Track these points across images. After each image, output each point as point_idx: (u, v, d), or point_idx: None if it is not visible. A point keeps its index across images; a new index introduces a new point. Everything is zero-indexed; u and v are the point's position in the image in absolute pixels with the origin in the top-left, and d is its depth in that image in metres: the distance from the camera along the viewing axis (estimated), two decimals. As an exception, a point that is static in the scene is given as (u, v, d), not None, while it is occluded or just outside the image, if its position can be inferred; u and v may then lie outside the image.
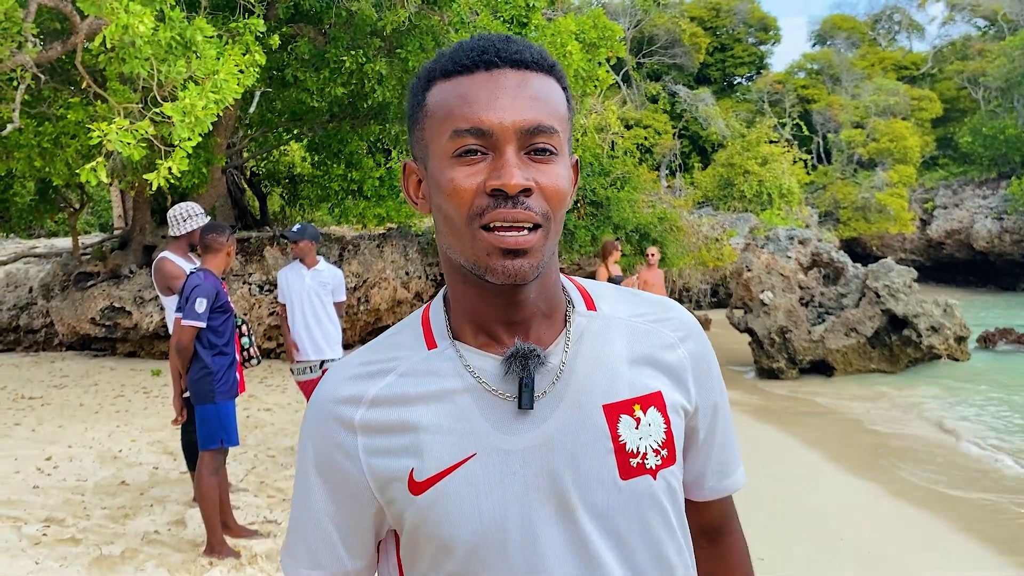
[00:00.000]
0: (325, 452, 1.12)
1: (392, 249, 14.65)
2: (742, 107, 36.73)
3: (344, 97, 11.98)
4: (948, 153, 35.67)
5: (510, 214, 1.00)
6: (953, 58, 38.80)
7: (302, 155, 17.59)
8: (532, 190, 1.01)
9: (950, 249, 32.02)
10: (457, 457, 1.05)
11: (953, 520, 6.99)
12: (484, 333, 1.10)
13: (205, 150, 10.91)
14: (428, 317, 1.17)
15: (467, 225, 1.02)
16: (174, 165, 6.45)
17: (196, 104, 6.38)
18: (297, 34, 11.26)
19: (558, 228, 1.06)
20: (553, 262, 1.10)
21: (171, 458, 7.09)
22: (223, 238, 5.06)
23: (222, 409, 4.95)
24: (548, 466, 1.05)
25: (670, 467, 1.11)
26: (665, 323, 1.17)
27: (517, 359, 1.06)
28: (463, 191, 1.02)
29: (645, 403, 1.10)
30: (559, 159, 1.04)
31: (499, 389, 1.07)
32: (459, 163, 1.02)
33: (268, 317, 13.40)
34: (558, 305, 1.13)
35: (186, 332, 4.86)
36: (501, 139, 1.01)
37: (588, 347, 1.11)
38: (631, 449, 1.07)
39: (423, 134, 1.09)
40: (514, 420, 1.06)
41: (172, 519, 5.46)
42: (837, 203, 31.75)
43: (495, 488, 1.04)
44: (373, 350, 1.17)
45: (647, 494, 1.08)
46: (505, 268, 1.01)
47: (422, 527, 1.07)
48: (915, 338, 14.52)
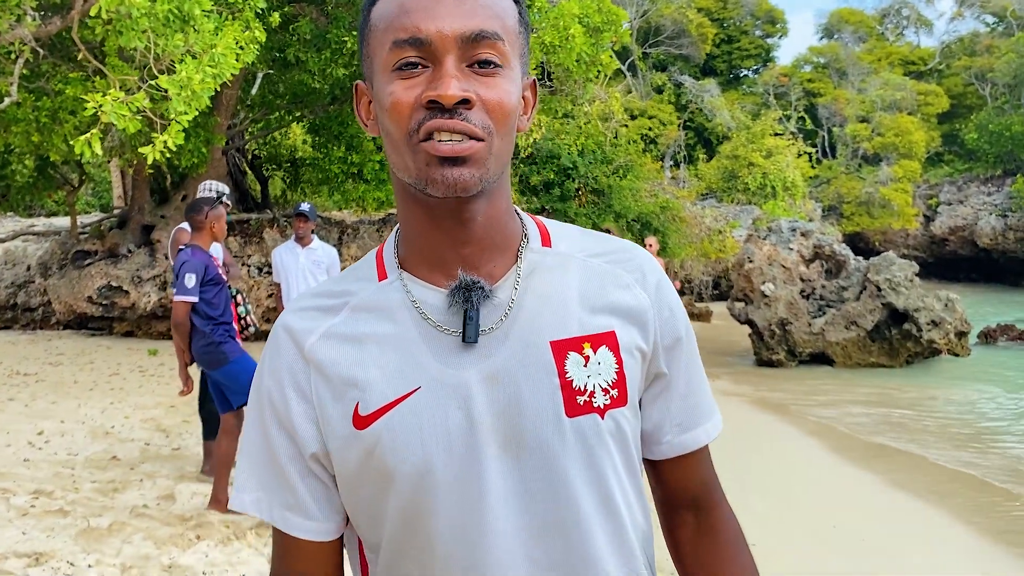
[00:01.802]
0: (278, 384, 1.08)
1: (391, 233, 14.59)
2: (748, 99, 36.58)
3: (345, 79, 11.90)
4: (953, 149, 35.51)
5: (447, 124, 0.95)
6: (961, 54, 38.60)
7: (303, 138, 17.53)
8: (472, 102, 0.96)
9: (953, 246, 31.91)
10: (401, 391, 1.02)
11: (949, 511, 6.96)
12: (432, 264, 1.06)
13: (205, 129, 10.86)
14: (382, 249, 1.14)
15: (406, 141, 0.98)
16: (170, 139, 6.39)
17: (193, 78, 6.32)
18: (298, 14, 11.19)
19: (505, 146, 1.01)
20: (502, 184, 1.06)
21: (163, 435, 7.06)
22: (201, 216, 5.16)
23: (241, 363, 5.07)
24: (492, 401, 1.01)
25: (620, 408, 1.06)
26: (623, 264, 1.13)
27: (460, 291, 1.03)
28: (401, 105, 0.97)
29: (596, 342, 1.06)
30: (505, 71, 0.99)
31: (443, 323, 1.04)
32: (398, 76, 0.98)
33: (267, 299, 13.36)
34: (511, 237, 1.09)
35: (179, 308, 4.99)
36: (440, 49, 0.96)
37: (539, 283, 1.07)
38: (578, 386, 1.03)
39: (368, 50, 1.05)
40: (459, 354, 1.03)
41: (161, 494, 5.43)
42: (841, 197, 31.63)
43: (439, 422, 1.01)
44: (331, 283, 1.14)
45: (593, 432, 1.04)
46: (444, 177, 0.96)
47: (366, 464, 1.03)
48: (915, 332, 14.45)
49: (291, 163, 18.05)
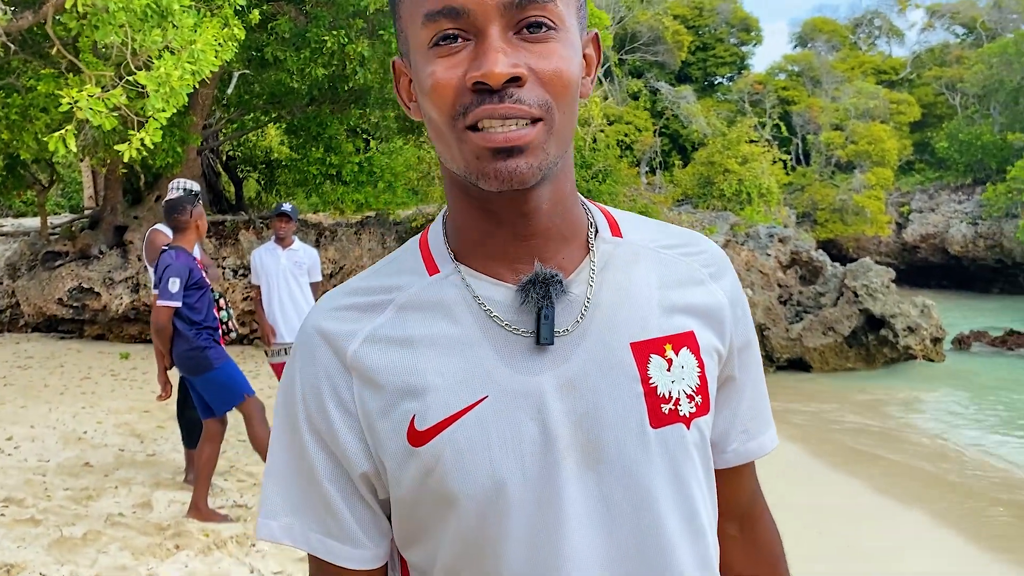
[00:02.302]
0: (316, 396, 0.94)
1: (370, 237, 14.43)
2: (723, 106, 36.74)
3: (324, 79, 11.75)
4: (925, 158, 35.91)
5: (498, 109, 0.82)
6: (931, 64, 39.06)
7: (280, 139, 17.33)
8: (523, 78, 0.83)
9: (925, 253, 32.26)
10: (465, 401, 0.89)
11: (933, 516, 6.95)
12: (492, 256, 0.94)
13: (180, 129, 10.67)
14: (427, 240, 1.00)
15: (451, 127, 0.85)
16: (147, 137, 6.23)
17: (172, 74, 6.17)
18: (277, 12, 11.03)
19: (567, 121, 0.87)
20: (565, 168, 0.93)
21: (138, 440, 6.87)
22: (185, 215, 4.98)
23: (226, 368, 4.94)
24: (569, 411, 0.89)
25: (704, 416, 0.96)
26: (697, 256, 1.02)
27: (536, 286, 0.90)
28: (443, 87, 0.84)
29: (677, 343, 0.94)
30: (561, 35, 0.85)
31: (512, 323, 0.91)
32: (437, 54, 0.85)
33: (242, 302, 13.14)
34: (578, 226, 0.96)
35: (162, 312, 4.82)
36: (480, 18, 0.82)
37: (614, 277, 0.96)
38: (662, 393, 0.92)
39: (402, 24, 0.92)
40: (531, 358, 0.90)
41: (137, 501, 5.26)
42: (815, 204, 31.83)
43: (510, 436, 0.89)
44: (367, 278, 0.99)
45: (679, 445, 0.93)
46: (498, 171, 0.83)
47: (424, 485, 0.90)
48: (892, 338, 14.54)
49: (266, 164, 17.84)
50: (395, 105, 13.66)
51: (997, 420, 11.02)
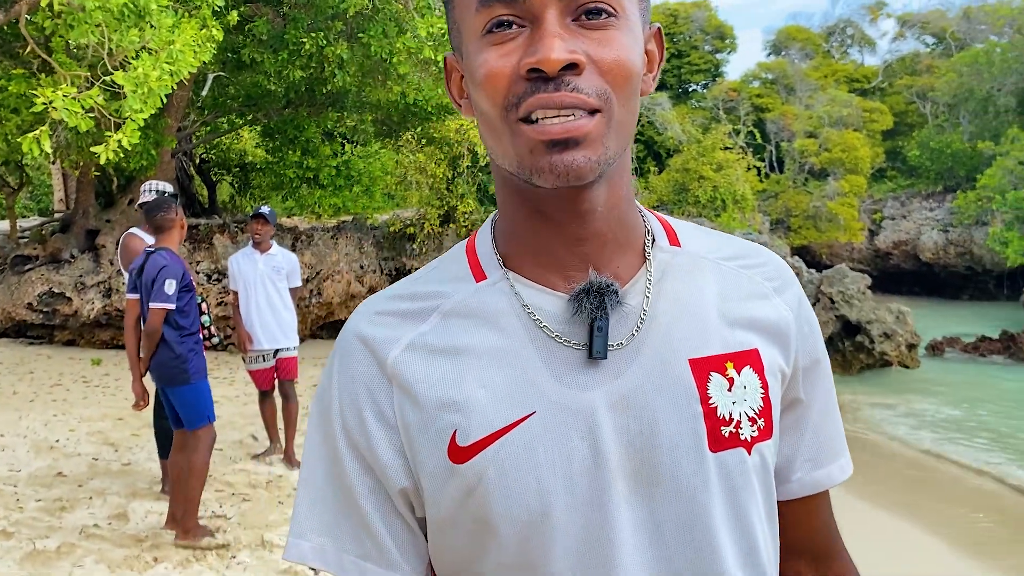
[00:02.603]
0: (354, 406, 0.89)
1: (347, 241, 14.31)
2: (697, 113, 36.95)
3: (302, 82, 11.62)
4: (897, 165, 36.33)
5: (553, 99, 0.77)
6: (903, 73, 39.55)
7: (255, 142, 17.14)
8: (581, 65, 0.78)
9: (897, 259, 32.61)
10: (511, 417, 0.84)
11: (915, 523, 6.97)
12: (544, 263, 0.88)
13: (155, 131, 10.50)
14: (474, 245, 0.95)
15: (503, 119, 0.80)
16: (124, 138, 6.09)
17: (150, 74, 6.04)
18: (255, 14, 10.89)
19: (627, 116, 0.82)
20: (623, 168, 0.87)
21: (112, 449, 6.71)
22: (171, 214, 4.81)
23: (200, 387, 4.78)
24: (621, 431, 0.84)
25: (766, 441, 0.89)
26: (758, 269, 0.95)
27: (590, 296, 0.84)
28: (495, 76, 0.80)
29: (740, 361, 0.88)
30: (622, 22, 0.81)
31: (564, 334, 0.85)
32: (490, 42, 0.80)
33: (216, 307, 12.96)
34: (635, 232, 0.91)
35: (157, 315, 4.64)
36: (536, 2, 0.78)
37: (672, 288, 0.90)
38: (723, 415, 0.86)
39: (454, 14, 0.87)
40: (583, 373, 0.84)
41: (113, 512, 5.12)
42: (789, 211, 32.08)
43: (559, 456, 0.83)
44: (412, 283, 0.94)
45: (739, 471, 0.86)
46: (554, 165, 0.78)
47: (463, 506, 0.84)
48: (868, 344, 14.66)
49: (240, 168, 17.64)
50: (373, 108, 13.54)
51: (974, 426, 11.11)
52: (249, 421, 7.91)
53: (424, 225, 14.02)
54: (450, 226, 14.18)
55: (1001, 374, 15.43)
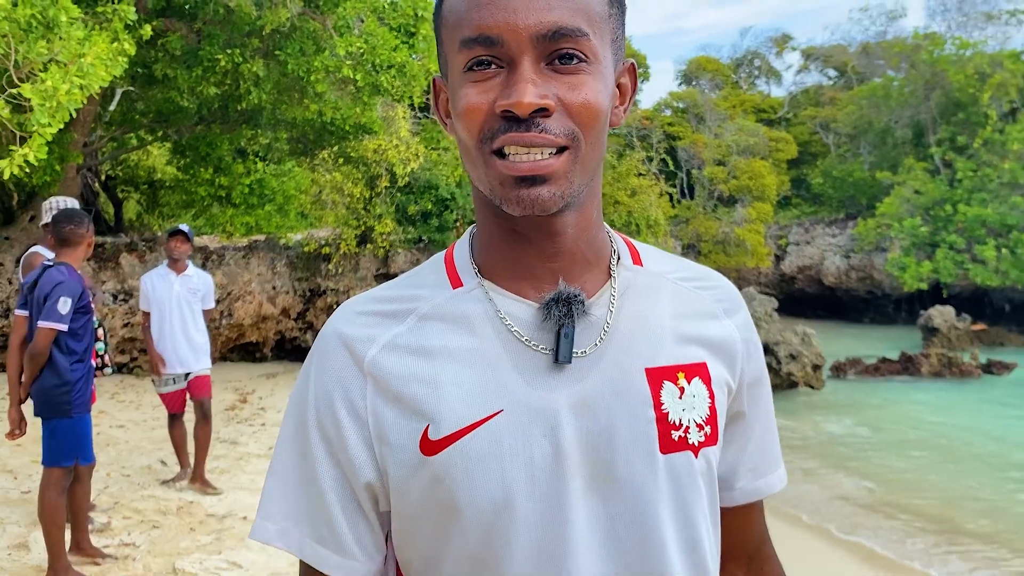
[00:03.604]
0: (327, 399, 0.93)
1: (259, 261, 14.05)
2: (612, 140, 37.66)
3: (216, 98, 11.41)
4: (801, 193, 37.68)
5: (524, 138, 0.85)
6: (807, 104, 41.14)
7: (165, 159, 16.70)
8: (551, 110, 0.85)
9: (801, 284, 33.73)
10: (481, 413, 0.90)
11: (833, 534, 7.20)
12: (518, 275, 0.95)
13: (60, 146, 10.13)
14: (452, 255, 1.01)
15: (478, 149, 0.88)
16: (31, 153, 5.87)
17: (59, 88, 5.85)
18: (168, 28, 10.65)
19: (594, 152, 0.89)
20: (592, 194, 0.94)
21: (10, 477, 6.41)
22: (83, 229, 4.52)
23: (78, 424, 4.45)
24: (581, 430, 0.91)
25: (712, 447, 0.97)
26: (711, 291, 1.04)
27: (559, 304, 0.91)
28: (474, 111, 0.87)
29: (690, 372, 0.96)
30: (593, 67, 0.87)
31: (533, 339, 0.92)
32: (470, 79, 0.88)
33: (122, 328, 12.55)
34: (602, 252, 0.99)
35: (44, 335, 4.28)
36: (514, 48, 0.85)
37: (633, 304, 0.98)
38: (673, 420, 0.94)
39: (443, 47, 0.95)
40: (548, 376, 0.92)
41: (13, 543, 4.89)
42: (699, 236, 32.90)
43: (522, 451, 0.89)
44: (391, 287, 1.00)
45: (686, 472, 0.94)
46: (520, 198, 0.86)
47: (431, 496, 0.90)
48: (775, 365, 15.10)
49: (149, 185, 17.16)
50: (288, 126, 13.37)
51: (882, 441, 11.55)
52: (157, 446, 7.66)
53: (340, 245, 13.86)
54: (367, 247, 14.05)
55: (899, 392, 16.10)
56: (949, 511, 8.16)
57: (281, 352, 14.78)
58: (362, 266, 14.25)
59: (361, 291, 11.81)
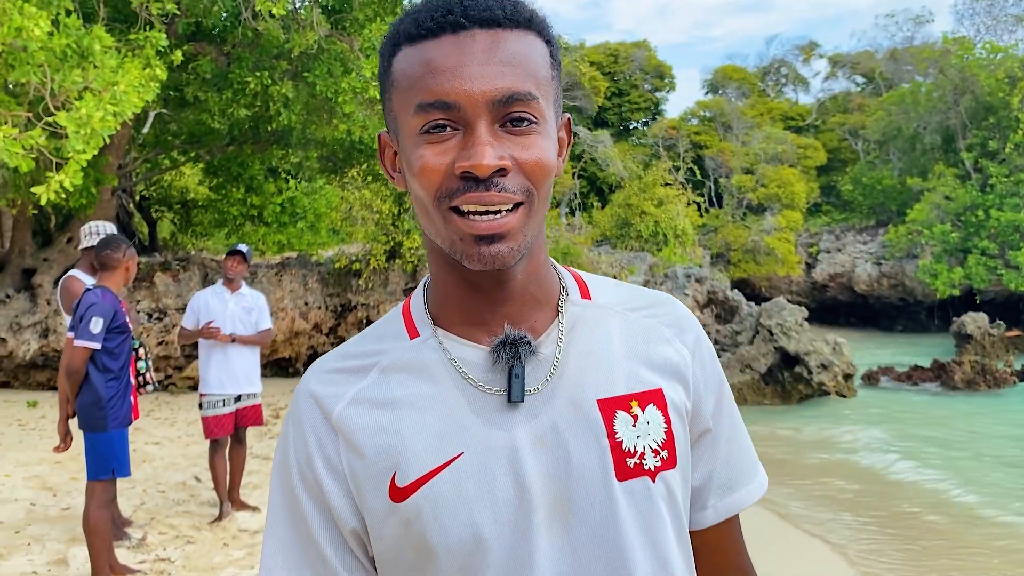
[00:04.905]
0: (307, 457, 1.00)
1: (291, 278, 14.24)
2: (638, 150, 37.64)
3: (247, 120, 11.63)
4: (831, 200, 37.42)
5: (484, 197, 0.89)
6: (835, 111, 40.90)
7: (197, 180, 17.01)
8: (508, 169, 0.90)
9: (833, 292, 33.42)
10: (443, 458, 0.95)
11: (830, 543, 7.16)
12: (469, 320, 1.00)
13: (95, 169, 10.39)
14: (409, 306, 1.07)
15: (435, 206, 0.92)
16: (66, 179, 6.05)
17: (93, 115, 6.03)
18: (199, 53, 10.89)
19: (544, 202, 0.96)
20: (540, 240, 1.00)
21: (50, 494, 6.58)
22: (119, 254, 4.72)
23: (114, 437, 4.62)
24: (540, 464, 0.95)
25: (670, 470, 1.00)
26: (660, 317, 1.08)
27: (506, 347, 0.96)
28: (431, 171, 0.91)
29: (644, 400, 1.00)
30: (541, 127, 0.93)
31: (486, 382, 0.97)
32: (427, 140, 0.92)
33: (157, 347, 12.77)
34: (551, 290, 1.04)
35: (78, 353, 4.50)
36: (470, 113, 0.90)
37: (582, 338, 1.02)
38: (628, 448, 0.97)
39: (391, 105, 0.99)
40: (504, 415, 0.96)
41: (52, 559, 5.03)
42: (728, 245, 32.75)
43: (485, 489, 0.94)
44: (355, 343, 1.06)
45: (644, 497, 0.97)
46: (481, 255, 0.91)
47: (404, 539, 0.95)
48: (806, 375, 14.99)
49: (182, 205, 17.48)
50: (318, 145, 13.59)
51: (913, 451, 11.43)
52: (192, 462, 7.81)
53: (370, 261, 14.02)
54: (396, 262, 14.20)
55: (932, 401, 15.92)
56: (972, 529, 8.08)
57: (313, 367, 14.94)
58: (391, 281, 14.40)
59: (391, 305, 11.86)
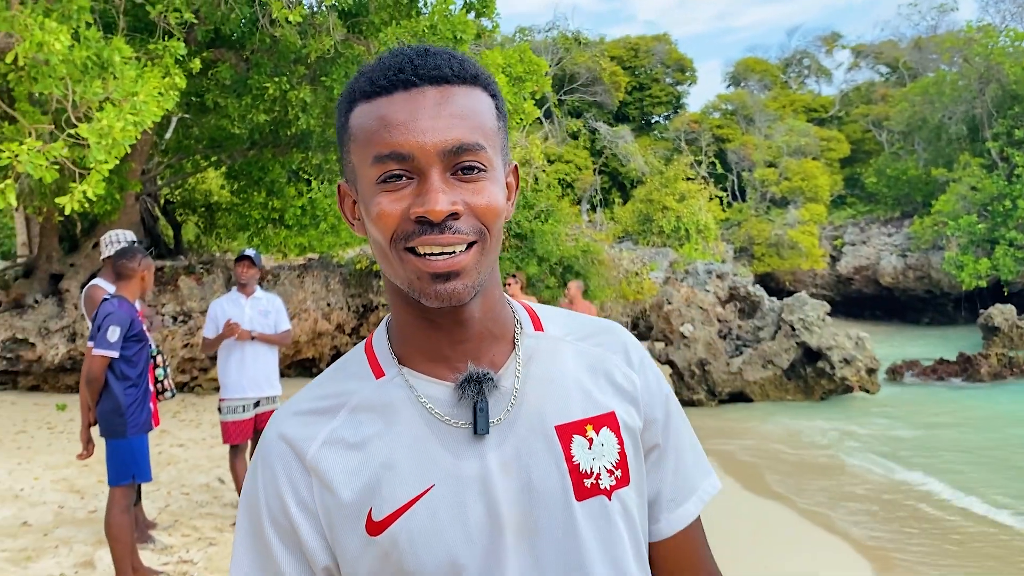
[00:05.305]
0: (277, 498, 1.05)
1: (313, 280, 14.38)
2: (660, 145, 37.55)
3: (266, 124, 11.76)
4: (855, 192, 37.12)
5: (439, 239, 0.97)
6: (858, 102, 40.55)
7: (220, 183, 17.21)
8: (460, 214, 0.97)
9: (858, 285, 33.18)
10: (416, 491, 1.01)
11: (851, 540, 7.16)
12: (432, 357, 1.07)
13: (119, 176, 10.57)
14: (371, 345, 1.13)
15: (392, 248, 0.99)
16: (89, 189, 6.18)
17: (114, 126, 6.15)
18: (217, 59, 11.03)
19: (496, 242, 1.03)
20: (494, 278, 1.07)
21: (78, 496, 6.72)
22: (134, 263, 4.82)
23: (134, 444, 4.72)
24: (506, 490, 1.02)
25: (624, 488, 1.07)
26: (608, 344, 1.15)
27: (471, 384, 1.03)
28: (388, 217, 0.98)
29: (598, 423, 1.07)
30: (490, 174, 1.01)
31: (452, 417, 1.04)
32: (384, 189, 0.99)
33: (182, 349, 12.95)
34: (506, 325, 1.11)
35: (96, 362, 4.62)
36: (423, 163, 0.97)
37: (538, 368, 1.09)
38: (584, 470, 1.04)
39: (350, 157, 1.06)
40: (470, 446, 1.03)
41: (79, 561, 5.16)
42: (751, 239, 32.61)
43: (456, 518, 1.00)
44: (321, 384, 1.12)
45: (602, 515, 1.04)
46: (438, 292, 0.98)
47: (382, 570, 1.01)
48: (828, 370, 14.94)
49: (206, 208, 17.68)
50: (338, 148, 13.74)
51: (931, 450, 11.37)
52: (215, 464, 7.94)
53: (391, 262, 14.13)
54: (416, 262, 14.28)
55: (956, 396, 15.79)
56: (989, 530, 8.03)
57: (336, 367, 15.12)
58: (411, 281, 14.49)
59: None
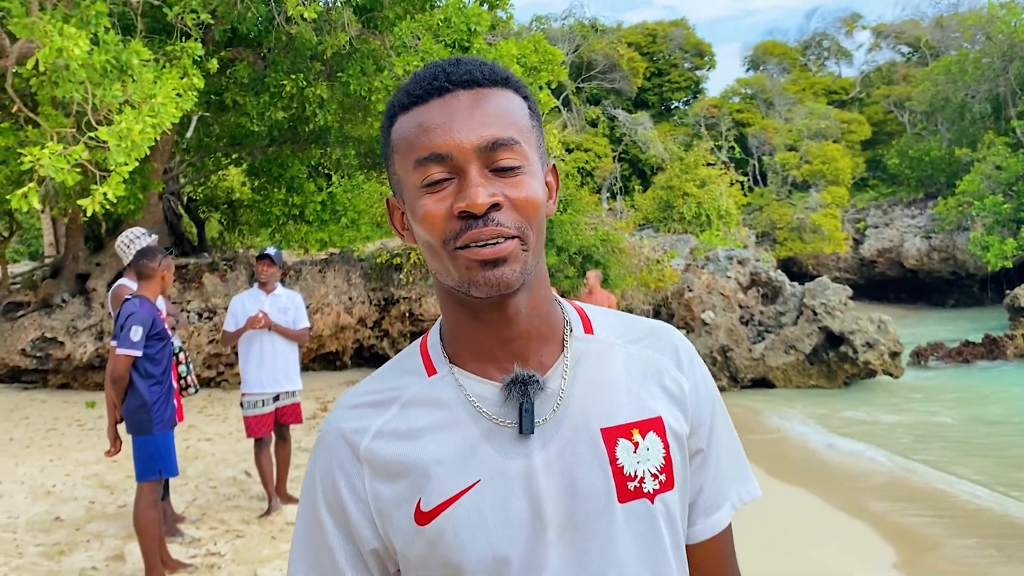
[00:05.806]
0: (332, 484, 1.12)
1: (335, 274, 14.50)
2: (679, 131, 37.37)
3: (284, 121, 11.87)
4: (877, 174, 36.75)
5: (483, 233, 1.01)
6: (880, 83, 40.09)
7: (241, 180, 17.36)
8: (501, 204, 1.02)
9: (882, 267, 32.91)
10: (462, 484, 1.06)
11: (875, 526, 7.15)
12: (481, 357, 1.11)
13: (141, 175, 10.71)
14: (426, 344, 1.18)
15: (443, 248, 1.04)
16: (110, 190, 6.30)
17: (133, 128, 6.25)
18: (235, 58, 11.14)
19: (538, 238, 1.06)
20: (540, 275, 1.11)
21: (108, 492, 6.87)
22: (154, 263, 4.92)
23: (160, 440, 4.83)
24: (549, 488, 1.06)
25: (668, 492, 1.11)
26: (659, 348, 1.18)
27: (516, 386, 1.07)
28: (434, 217, 1.03)
29: (644, 428, 1.11)
30: (528, 169, 1.05)
31: (499, 416, 1.09)
32: (427, 192, 1.04)
33: (208, 345, 13.13)
34: (555, 326, 1.14)
35: (120, 361, 4.73)
36: (461, 161, 1.02)
37: (586, 371, 1.13)
38: (628, 472, 1.08)
39: (395, 168, 1.11)
40: (516, 445, 1.07)
41: (110, 554, 5.29)
42: (773, 224, 32.41)
43: (500, 513, 1.05)
44: (377, 379, 1.18)
45: (645, 517, 1.08)
46: (487, 278, 1.02)
47: (430, 557, 1.07)
48: (851, 354, 14.86)
49: (228, 205, 17.84)
50: (356, 143, 13.80)
51: (954, 435, 11.31)
52: (242, 458, 8.07)
53: (411, 255, 14.23)
54: (436, 255, 14.35)
55: (982, 377, 15.67)
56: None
57: (360, 360, 15.26)
58: (432, 275, 14.57)
59: (433, 298, 12.02)
